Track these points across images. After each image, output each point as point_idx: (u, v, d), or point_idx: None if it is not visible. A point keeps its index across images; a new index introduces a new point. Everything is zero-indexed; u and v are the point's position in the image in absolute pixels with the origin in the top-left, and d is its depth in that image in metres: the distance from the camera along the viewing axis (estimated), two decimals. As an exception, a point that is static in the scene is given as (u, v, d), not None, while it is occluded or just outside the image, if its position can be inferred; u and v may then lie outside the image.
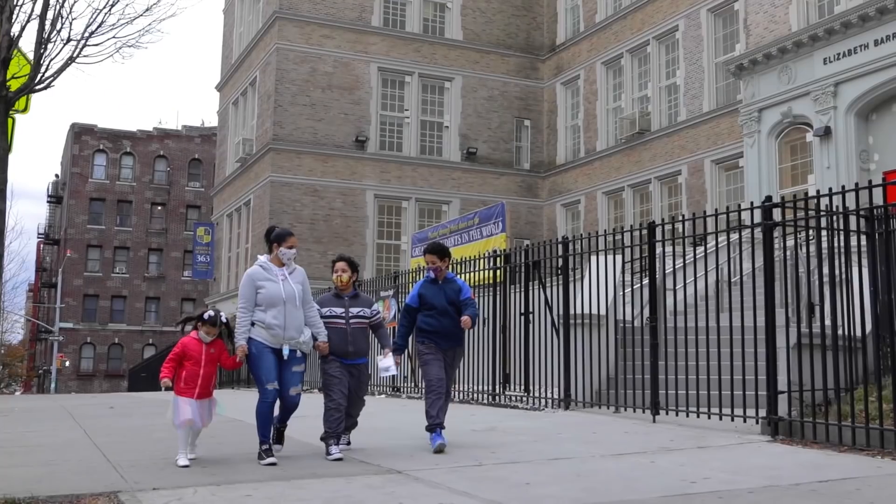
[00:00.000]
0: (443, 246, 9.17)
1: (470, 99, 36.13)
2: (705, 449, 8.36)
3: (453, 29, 36.38)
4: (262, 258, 8.18)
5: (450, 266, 9.10)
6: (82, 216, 66.75)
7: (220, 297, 39.77)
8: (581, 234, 13.40)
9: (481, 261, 15.10)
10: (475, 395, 14.17)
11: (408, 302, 9.08)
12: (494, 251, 15.54)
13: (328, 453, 8.04)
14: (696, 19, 29.60)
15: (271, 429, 8.05)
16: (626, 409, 11.33)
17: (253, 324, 7.91)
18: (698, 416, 9.97)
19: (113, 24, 9.18)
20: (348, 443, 8.57)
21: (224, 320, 8.05)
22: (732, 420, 9.62)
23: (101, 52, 9.16)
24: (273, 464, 7.64)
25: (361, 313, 8.56)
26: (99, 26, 9.03)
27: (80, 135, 67.76)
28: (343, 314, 8.47)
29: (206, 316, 8.00)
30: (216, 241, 41.50)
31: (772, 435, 8.89)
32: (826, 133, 22.02)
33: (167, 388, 7.80)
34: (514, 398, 13.59)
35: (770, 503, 5.82)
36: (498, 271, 14.72)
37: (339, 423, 8.23)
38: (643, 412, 10.86)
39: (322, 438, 8.25)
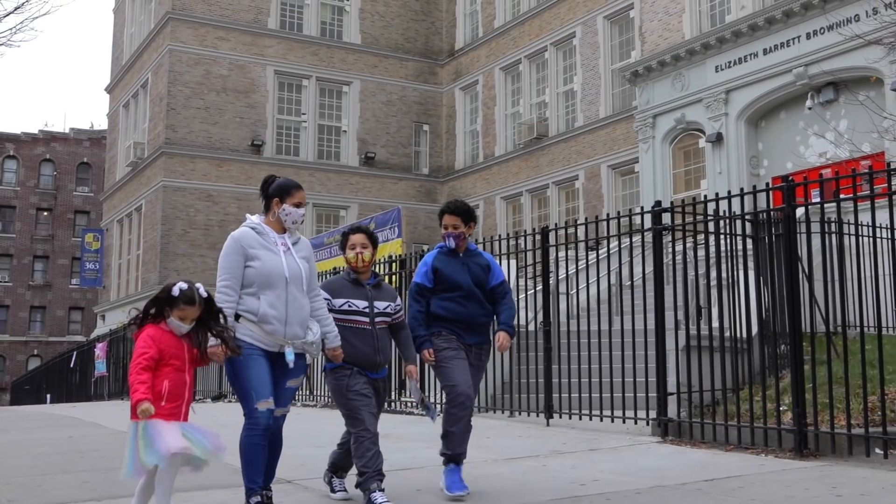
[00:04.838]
0: (466, 205, 6.60)
1: (368, 103, 35.97)
2: (596, 451, 8.42)
3: (351, 33, 36.18)
4: (255, 218, 5.73)
5: (469, 238, 6.65)
6: (-39, 222, 64.08)
7: (109, 306, 38.63)
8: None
9: (377, 266, 14.96)
10: (371, 401, 14.01)
11: (418, 280, 6.53)
12: (390, 256, 15.44)
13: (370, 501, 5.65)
14: (593, 26, 30.09)
15: (264, 469, 5.52)
16: (520, 414, 11.37)
17: (237, 316, 5.44)
18: (591, 419, 10.08)
19: (-20, 23, 8.67)
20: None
21: (204, 294, 5.12)
22: (624, 422, 9.75)
23: (-32, 51, 8.67)
24: None
25: (387, 309, 6.17)
26: (-35, 24, 8.53)
27: (-40, 137, 65.05)
28: (367, 309, 6.05)
29: (175, 290, 5.01)
30: (106, 248, 40.32)
31: (662, 436, 9.01)
32: (718, 139, 22.64)
33: (146, 416, 4.77)
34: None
35: (656, 503, 5.86)
36: (394, 277, 14.62)
37: (377, 456, 5.79)
38: (538, 416, 10.91)
39: (358, 486, 5.81)
